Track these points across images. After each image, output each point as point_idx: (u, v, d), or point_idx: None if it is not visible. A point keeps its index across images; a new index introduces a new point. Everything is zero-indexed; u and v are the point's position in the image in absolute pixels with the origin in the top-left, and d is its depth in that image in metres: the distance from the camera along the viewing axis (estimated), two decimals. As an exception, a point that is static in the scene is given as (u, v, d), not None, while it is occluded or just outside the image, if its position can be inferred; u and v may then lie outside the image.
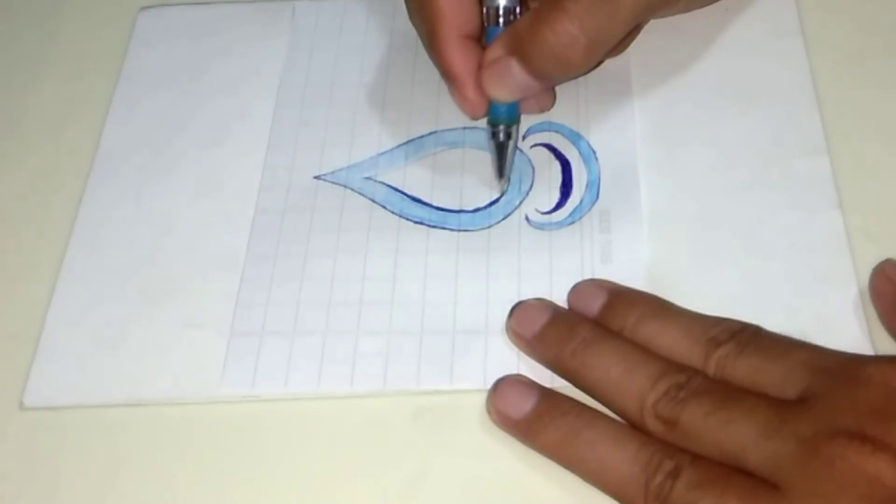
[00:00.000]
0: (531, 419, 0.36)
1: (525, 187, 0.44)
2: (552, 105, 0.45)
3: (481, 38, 0.42)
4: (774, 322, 0.37)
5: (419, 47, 0.44)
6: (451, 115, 0.45)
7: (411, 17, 0.44)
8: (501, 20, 0.41)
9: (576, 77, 0.44)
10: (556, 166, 0.44)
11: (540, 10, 0.39)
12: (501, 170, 0.42)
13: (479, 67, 0.41)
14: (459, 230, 0.43)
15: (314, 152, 0.45)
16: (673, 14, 0.46)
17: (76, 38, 0.51)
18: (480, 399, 0.38)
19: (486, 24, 0.41)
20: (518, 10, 0.41)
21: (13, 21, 0.52)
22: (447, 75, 0.41)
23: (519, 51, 0.39)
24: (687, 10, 0.46)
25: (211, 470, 0.37)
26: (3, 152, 0.47)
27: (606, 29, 0.38)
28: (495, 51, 0.40)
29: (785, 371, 0.34)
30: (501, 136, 0.42)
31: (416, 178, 0.44)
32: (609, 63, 0.46)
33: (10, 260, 0.44)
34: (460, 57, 0.41)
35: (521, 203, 0.43)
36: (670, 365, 0.36)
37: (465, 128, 0.45)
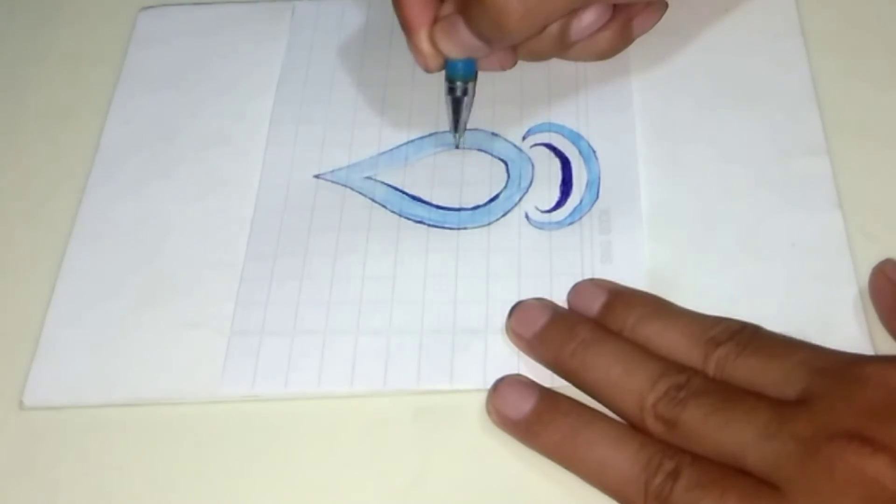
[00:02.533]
0: (531, 419, 0.36)
1: (524, 184, 0.44)
2: (513, 64, 0.44)
3: None
4: (774, 322, 0.37)
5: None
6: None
7: None
8: None
9: (519, 41, 0.42)
10: (556, 164, 0.44)
11: None
12: (456, 125, 0.44)
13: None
14: (459, 228, 0.43)
15: (314, 151, 0.45)
16: (631, 2, 0.45)
17: (76, 37, 0.51)
18: (480, 399, 0.38)
19: None
20: None
21: (13, 21, 0.52)
22: (404, 26, 0.42)
23: (463, 10, 0.39)
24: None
25: (211, 470, 0.37)
26: (3, 152, 0.47)
27: (543, 1, 0.38)
28: (447, 7, 0.40)
29: (784, 371, 0.34)
30: (458, 93, 0.43)
31: (416, 178, 0.44)
32: (609, 63, 0.46)
33: (10, 260, 0.44)
34: (417, 9, 0.41)
35: (520, 199, 0.43)
36: (670, 365, 0.36)
37: (465, 129, 0.45)
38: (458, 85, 0.43)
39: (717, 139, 0.44)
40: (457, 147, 0.45)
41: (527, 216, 0.43)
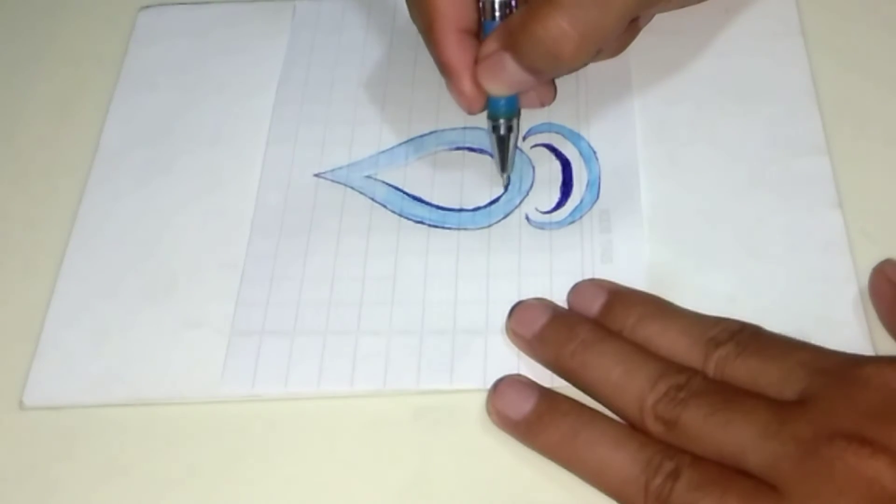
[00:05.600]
0: (531, 419, 0.36)
1: (525, 186, 0.44)
2: (553, 99, 0.44)
3: (478, 32, 0.42)
4: (774, 322, 0.37)
5: (420, 46, 0.44)
6: (451, 115, 0.45)
7: (411, 13, 0.44)
8: (497, 14, 0.41)
9: (570, 71, 0.43)
10: (557, 165, 0.44)
11: (532, 4, 0.39)
12: (504, 163, 0.43)
13: (476, 62, 0.41)
14: (459, 229, 0.43)
15: (314, 150, 0.45)
16: (668, 10, 0.46)
17: (77, 36, 0.51)
18: (480, 399, 0.38)
19: (482, 18, 0.41)
20: (514, 4, 0.41)
21: (13, 20, 0.52)
22: (444, 69, 0.41)
23: (512, 45, 0.39)
24: (682, 5, 0.46)
25: (211, 470, 0.37)
26: (3, 151, 0.47)
27: (598, 24, 0.38)
28: (490, 45, 0.40)
29: (784, 372, 0.34)
30: (502, 130, 0.42)
31: (416, 177, 0.44)
32: (609, 63, 0.46)
33: (10, 260, 0.44)
34: (457, 51, 0.41)
35: (521, 202, 0.43)
36: (670, 365, 0.36)
37: (465, 127, 0.45)
38: (503, 123, 0.42)
39: (718, 139, 0.44)
40: (505, 188, 0.43)
41: (527, 217, 0.43)
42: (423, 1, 0.41)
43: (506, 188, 0.44)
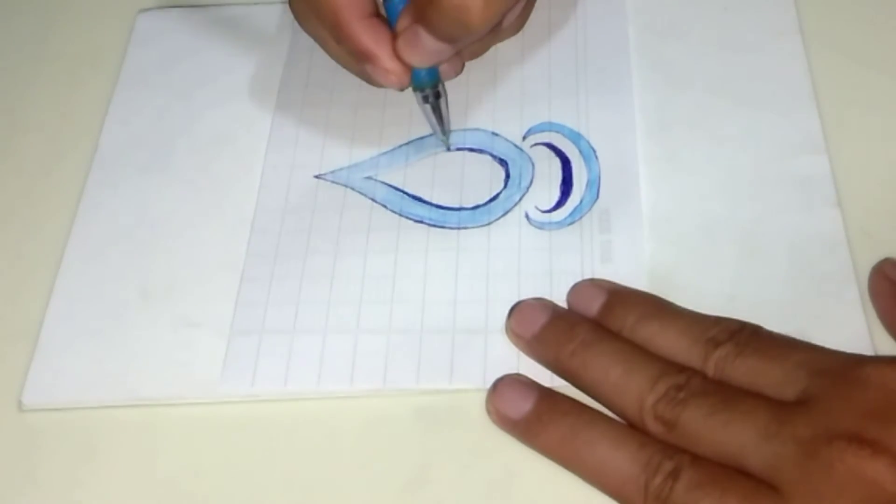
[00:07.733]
0: (530, 419, 0.36)
1: (525, 183, 0.44)
2: (462, 68, 0.45)
3: (378, 13, 0.42)
4: (774, 322, 0.37)
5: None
6: (451, 117, 0.45)
7: (303, 23, 0.44)
8: None
9: (482, 37, 0.42)
10: (557, 163, 0.44)
11: None
12: (442, 128, 0.44)
13: (392, 40, 0.41)
14: (459, 228, 0.43)
15: (314, 152, 0.46)
16: None
17: (75, 40, 0.51)
18: (480, 398, 0.38)
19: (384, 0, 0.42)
20: None
21: (13, 23, 0.52)
22: (363, 56, 0.41)
23: (422, 18, 0.39)
24: None
25: (211, 470, 0.37)
26: (2, 153, 0.47)
27: None
28: (404, 20, 0.40)
29: (784, 372, 0.34)
30: (431, 99, 0.43)
31: (416, 178, 0.44)
32: (609, 62, 0.46)
33: (9, 260, 0.44)
34: (370, 35, 0.41)
35: (520, 199, 0.43)
36: (669, 365, 0.36)
37: (465, 129, 0.45)
38: (430, 91, 0.43)
39: (717, 138, 0.44)
40: (448, 149, 0.45)
41: (527, 216, 0.43)
42: (322, 3, 0.41)
43: (448, 148, 0.44)
